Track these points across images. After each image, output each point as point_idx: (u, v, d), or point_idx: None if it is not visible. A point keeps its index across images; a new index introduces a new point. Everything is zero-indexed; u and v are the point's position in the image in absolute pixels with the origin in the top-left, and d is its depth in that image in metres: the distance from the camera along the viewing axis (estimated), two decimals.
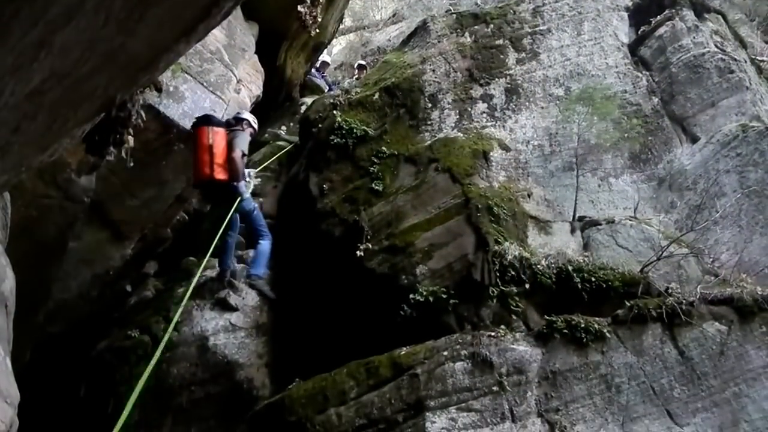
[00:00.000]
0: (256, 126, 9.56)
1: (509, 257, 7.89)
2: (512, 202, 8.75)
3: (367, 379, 7.41)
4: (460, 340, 7.42)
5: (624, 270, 8.01)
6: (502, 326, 7.58)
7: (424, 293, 7.87)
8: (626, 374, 7.06)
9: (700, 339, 7.18)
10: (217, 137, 8.64)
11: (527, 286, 7.87)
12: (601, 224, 8.87)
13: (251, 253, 9.61)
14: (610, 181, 9.58)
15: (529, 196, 9.10)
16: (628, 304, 7.48)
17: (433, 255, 8.22)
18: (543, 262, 8.05)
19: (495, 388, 7.03)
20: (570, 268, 7.95)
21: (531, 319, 7.79)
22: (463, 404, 6.97)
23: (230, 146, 8.73)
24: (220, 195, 8.92)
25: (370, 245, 8.68)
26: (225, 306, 9.30)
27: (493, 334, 7.42)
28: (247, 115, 9.45)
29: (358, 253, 8.64)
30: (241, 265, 9.79)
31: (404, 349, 7.53)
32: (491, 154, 9.34)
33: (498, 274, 7.82)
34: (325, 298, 8.84)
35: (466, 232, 8.25)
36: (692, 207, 9.11)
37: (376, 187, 9.22)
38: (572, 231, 8.89)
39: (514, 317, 7.72)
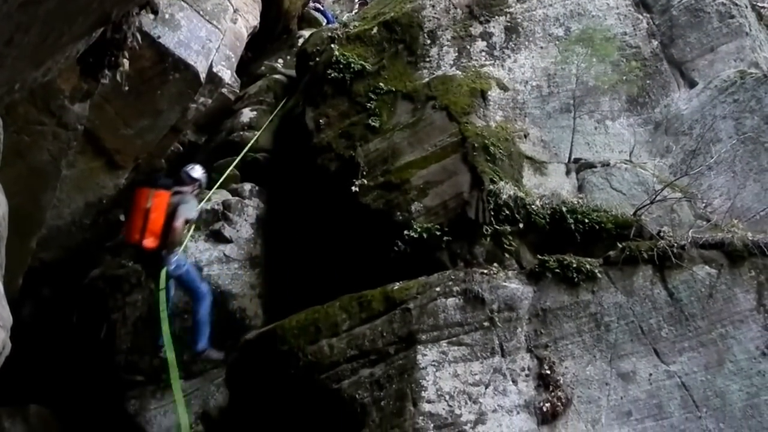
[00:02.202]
0: (204, 183, 9.01)
1: (504, 196, 7.87)
2: (508, 142, 8.68)
3: (360, 313, 7.49)
4: (453, 277, 7.46)
5: (617, 212, 8.03)
6: (495, 264, 7.61)
7: (419, 230, 7.90)
8: (615, 313, 7.12)
9: (689, 281, 7.20)
10: (157, 201, 7.94)
11: (521, 225, 7.87)
12: (596, 167, 8.83)
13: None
14: (607, 124, 9.52)
15: (525, 136, 9.03)
16: (620, 245, 7.49)
17: (428, 192, 8.22)
18: (537, 203, 8.04)
19: (486, 324, 7.12)
20: (564, 209, 7.94)
21: (524, 258, 7.82)
22: (454, 338, 7.07)
23: (173, 213, 7.97)
24: (148, 262, 8.23)
25: (365, 181, 8.66)
26: (219, 238, 9.32)
27: (485, 271, 7.47)
28: (200, 175, 8.81)
29: (353, 188, 8.62)
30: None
31: (397, 284, 7.59)
32: (489, 93, 9.25)
33: (492, 213, 7.81)
34: (319, 233, 8.87)
35: (462, 171, 8.22)
36: (687, 152, 9.07)
37: (373, 124, 9.14)
38: (567, 173, 8.84)
39: (507, 256, 7.74)
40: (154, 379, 8.77)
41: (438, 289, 7.36)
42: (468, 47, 9.85)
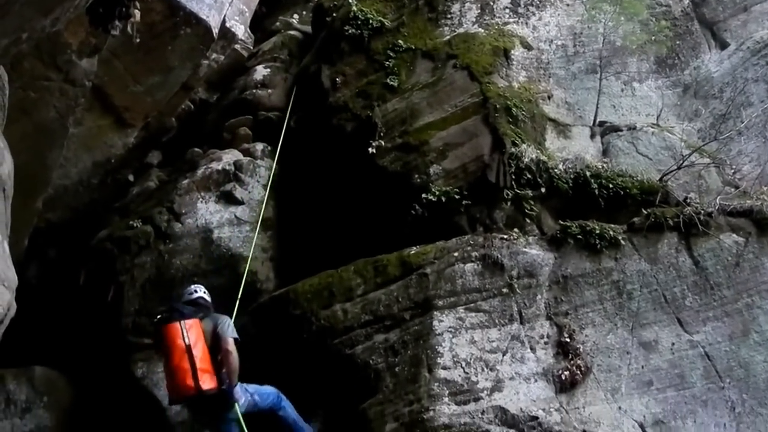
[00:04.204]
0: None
1: (526, 160, 7.69)
2: (531, 104, 8.44)
3: (375, 277, 7.34)
4: (472, 242, 7.32)
5: (643, 178, 7.83)
6: (515, 229, 7.46)
7: (437, 193, 7.71)
8: (639, 281, 6.97)
9: (716, 250, 7.04)
10: (192, 333, 6.38)
11: (543, 190, 7.71)
12: (622, 130, 8.60)
13: None
14: (634, 86, 9.21)
15: (549, 98, 8.75)
16: (645, 212, 7.32)
17: (448, 155, 8.01)
18: (560, 167, 7.85)
19: (505, 290, 6.98)
20: (588, 173, 7.76)
21: (545, 223, 7.66)
22: (472, 305, 6.93)
23: (216, 338, 6.47)
24: (210, 408, 6.44)
25: (382, 142, 8.43)
26: (230, 199, 9.14)
27: (505, 236, 7.32)
28: (206, 294, 7.14)
29: (370, 150, 8.40)
30: None
31: (414, 248, 7.43)
32: (512, 52, 8.94)
33: (513, 177, 7.64)
34: (333, 195, 8.66)
35: (483, 133, 8.00)
36: (717, 116, 8.80)
37: (391, 83, 8.87)
38: (592, 136, 8.61)
39: (527, 221, 7.59)
40: None
41: (456, 254, 7.20)
42: (491, 4, 9.50)
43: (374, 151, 8.39)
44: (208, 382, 6.16)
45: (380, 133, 8.52)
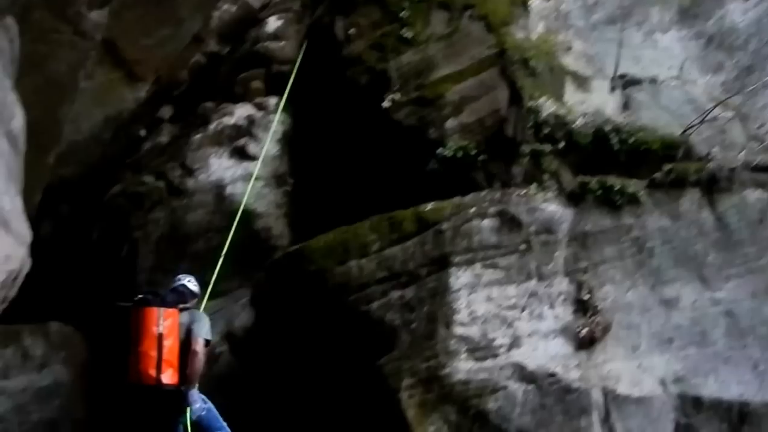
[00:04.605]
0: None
1: (544, 114, 7.57)
2: (550, 56, 8.22)
3: (390, 234, 7.25)
4: (489, 198, 7.23)
5: (664, 132, 7.67)
6: (533, 185, 7.36)
7: (453, 148, 7.59)
8: (659, 238, 6.90)
9: (739, 206, 6.99)
10: (169, 324, 5.91)
11: (561, 144, 7.56)
12: (643, 83, 8.36)
13: None
14: (656, 37, 8.93)
15: (568, 49, 8.50)
16: (666, 167, 7.25)
17: (464, 109, 7.86)
18: (579, 121, 7.68)
19: (522, 247, 6.91)
20: (608, 127, 7.62)
21: (564, 179, 7.50)
22: (489, 261, 6.85)
23: (188, 334, 5.99)
24: (163, 404, 5.98)
25: (397, 96, 8.27)
26: (243, 154, 9.05)
27: (523, 192, 7.24)
28: (194, 286, 6.57)
29: (384, 103, 8.25)
30: None
31: (430, 204, 7.33)
32: (530, 2, 8.64)
33: (531, 131, 7.53)
34: (347, 150, 8.54)
35: (500, 86, 7.85)
36: (741, 68, 8.62)
37: (406, 35, 8.64)
38: (612, 89, 8.36)
39: (545, 176, 7.45)
40: None
41: (473, 210, 7.11)
42: None
43: (389, 105, 8.25)
44: (169, 377, 5.78)
45: (395, 87, 8.37)
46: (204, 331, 6.00)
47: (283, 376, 7.50)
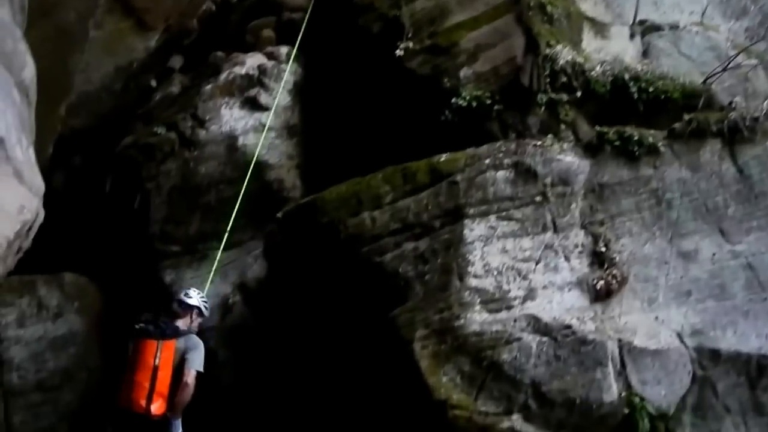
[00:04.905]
0: (207, 312, 6.64)
1: (561, 62, 7.38)
2: (567, 2, 8.06)
3: (404, 185, 7.16)
4: (504, 148, 7.11)
5: (685, 81, 7.52)
6: (550, 135, 7.23)
7: (468, 98, 7.43)
8: (678, 190, 6.79)
9: (761, 157, 6.86)
10: (166, 355, 5.98)
11: (579, 94, 7.43)
12: (663, 29, 8.23)
13: None
14: None
15: None
16: (686, 117, 7.08)
17: (479, 57, 7.69)
18: (597, 69, 7.53)
19: (538, 199, 6.81)
20: (626, 76, 7.45)
21: (580, 129, 7.40)
22: (504, 213, 6.77)
23: (180, 365, 6.00)
24: (145, 429, 6.02)
25: (410, 44, 8.10)
26: (255, 105, 8.94)
27: (539, 143, 7.11)
28: (197, 300, 6.50)
29: (397, 52, 8.08)
30: None
31: (444, 155, 7.22)
32: None
33: (548, 80, 7.36)
34: (360, 100, 8.42)
35: (516, 33, 7.64)
36: (766, 13, 8.49)
37: None
38: (631, 36, 8.23)
39: (562, 127, 7.35)
40: (190, 250, 8.66)
41: (487, 161, 7.00)
42: None
43: (402, 53, 8.08)
44: (158, 407, 5.89)
45: (408, 34, 8.20)
46: (197, 362, 6.03)
47: (296, 327, 7.51)
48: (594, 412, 5.95)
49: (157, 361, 5.92)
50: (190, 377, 5.92)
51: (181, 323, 6.25)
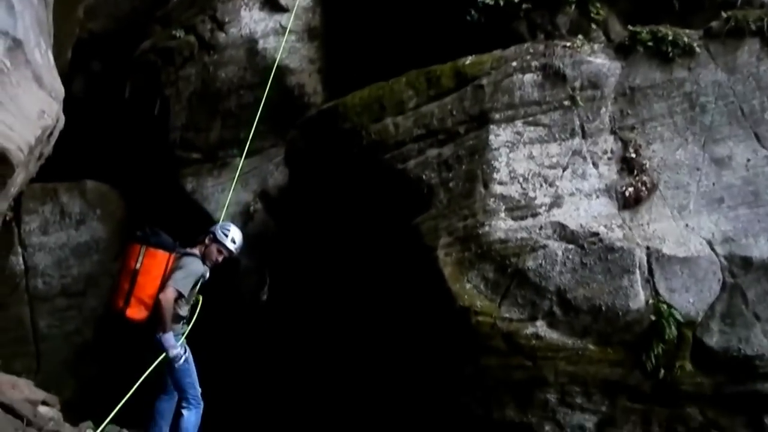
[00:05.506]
0: (228, 243, 6.21)
1: None
2: None
3: (428, 89, 6.98)
4: (532, 50, 6.88)
5: None
6: (579, 36, 7.02)
7: None
8: (713, 93, 6.54)
9: None
10: (149, 262, 5.91)
11: None
12: None
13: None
14: None
15: None
16: (724, 15, 6.75)
17: None
18: None
19: (566, 103, 6.61)
20: None
21: (612, 29, 7.22)
22: (531, 118, 6.60)
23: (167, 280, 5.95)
24: (137, 339, 6.04)
25: None
26: (274, 6, 8.71)
27: (568, 44, 6.87)
28: (218, 228, 6.31)
29: None
30: None
31: (469, 58, 7.00)
32: None
33: None
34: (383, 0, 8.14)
35: None
36: None
37: None
38: None
39: (593, 26, 7.17)
40: (211, 157, 8.63)
41: (514, 63, 6.79)
42: None
43: None
44: (135, 312, 5.83)
45: None
46: (179, 280, 5.88)
47: (317, 235, 7.50)
48: (620, 319, 5.96)
49: (137, 265, 5.89)
50: (165, 293, 5.81)
51: (197, 248, 6.15)
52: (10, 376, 7.08)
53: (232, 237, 6.20)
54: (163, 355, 5.79)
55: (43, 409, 6.67)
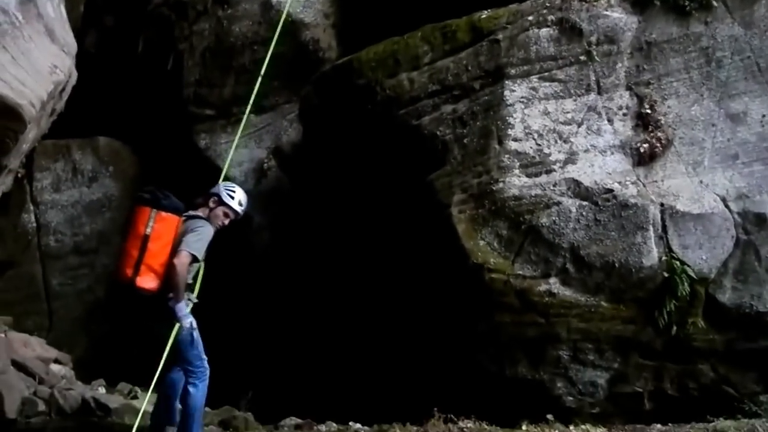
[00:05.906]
0: (235, 205, 5.72)
1: None
2: None
3: (443, 44, 6.92)
4: (548, 4, 6.77)
5: None
6: None
7: None
8: (730, 48, 6.46)
9: None
10: (160, 227, 5.39)
11: None
12: None
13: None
14: None
15: None
16: None
17: None
18: None
19: (582, 58, 6.54)
20: None
21: None
22: (546, 73, 6.54)
23: (177, 245, 5.46)
24: (148, 310, 5.57)
25: None
26: None
27: None
28: (223, 190, 5.78)
29: None
30: None
31: (485, 12, 6.93)
32: None
33: None
34: None
35: None
36: None
37: None
38: None
39: None
40: (225, 113, 8.58)
41: (530, 18, 6.70)
42: None
43: None
44: (146, 281, 5.31)
45: None
46: (191, 243, 5.42)
47: (331, 192, 7.51)
48: (633, 275, 5.99)
49: (148, 230, 5.36)
50: (179, 257, 5.33)
51: (201, 211, 5.69)
52: (23, 334, 7.21)
53: (239, 199, 5.76)
54: (178, 326, 5.37)
55: (55, 367, 6.83)
